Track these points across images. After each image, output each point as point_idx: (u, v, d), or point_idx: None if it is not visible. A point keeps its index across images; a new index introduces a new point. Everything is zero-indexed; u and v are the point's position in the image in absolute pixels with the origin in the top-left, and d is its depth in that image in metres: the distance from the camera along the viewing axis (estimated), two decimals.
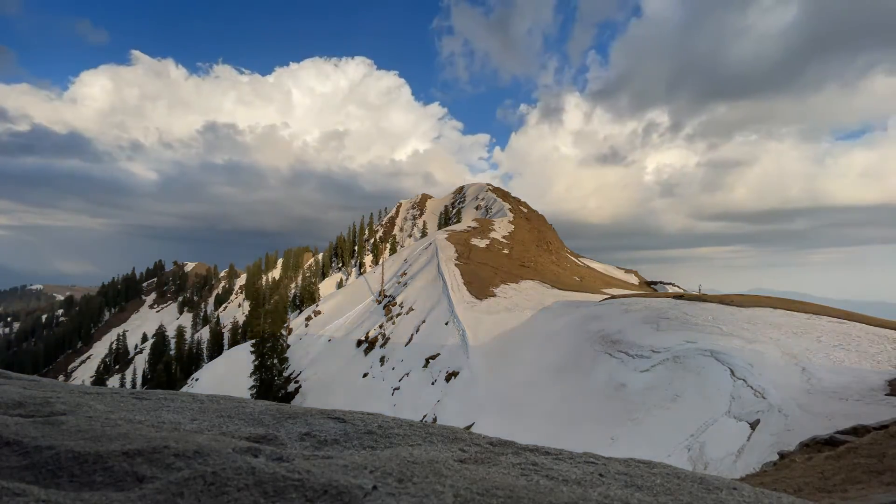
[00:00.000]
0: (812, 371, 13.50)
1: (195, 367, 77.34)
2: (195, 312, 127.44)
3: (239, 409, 2.60)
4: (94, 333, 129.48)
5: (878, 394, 11.35)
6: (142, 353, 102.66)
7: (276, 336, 43.69)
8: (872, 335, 15.96)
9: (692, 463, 11.45)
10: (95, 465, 1.52)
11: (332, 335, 48.84)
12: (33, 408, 2.12)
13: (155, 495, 1.36)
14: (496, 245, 55.43)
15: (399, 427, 2.49)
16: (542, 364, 23.57)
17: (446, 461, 1.93)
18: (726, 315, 20.23)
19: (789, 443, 8.81)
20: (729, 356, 15.36)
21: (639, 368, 17.95)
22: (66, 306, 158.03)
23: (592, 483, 1.88)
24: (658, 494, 1.82)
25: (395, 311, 44.04)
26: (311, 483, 1.48)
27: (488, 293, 39.17)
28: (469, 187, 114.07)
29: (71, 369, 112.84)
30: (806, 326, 17.56)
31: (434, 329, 35.34)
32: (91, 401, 2.45)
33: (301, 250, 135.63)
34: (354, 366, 39.26)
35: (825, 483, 4.57)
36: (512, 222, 68.83)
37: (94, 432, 1.80)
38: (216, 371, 52.48)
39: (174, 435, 1.87)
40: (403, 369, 32.67)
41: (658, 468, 2.13)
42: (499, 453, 2.23)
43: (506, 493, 1.59)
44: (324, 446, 2.12)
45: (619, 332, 22.31)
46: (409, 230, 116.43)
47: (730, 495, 1.87)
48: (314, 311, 60.24)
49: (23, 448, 1.58)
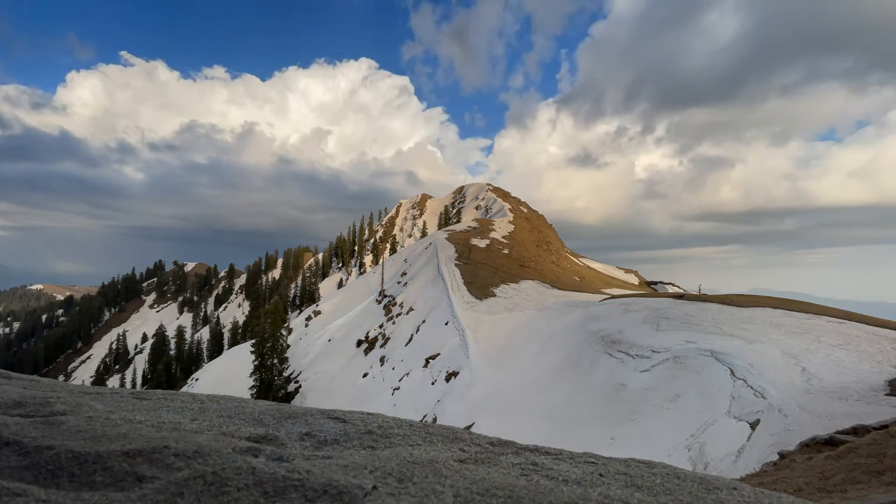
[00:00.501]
0: (812, 371, 13.50)
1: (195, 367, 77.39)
2: (195, 312, 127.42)
3: (239, 409, 2.60)
4: (94, 333, 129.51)
5: (878, 394, 11.35)
6: (142, 353, 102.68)
7: (276, 336, 43.71)
8: (872, 335, 15.97)
9: (692, 463, 11.45)
10: (95, 465, 1.52)
11: (332, 335, 48.85)
12: (33, 408, 2.12)
13: (155, 495, 1.36)
14: (496, 245, 55.45)
15: (399, 427, 2.49)
16: (543, 364, 23.57)
17: (446, 461, 1.93)
18: (726, 315, 20.24)
19: (789, 443, 8.81)
20: (729, 356, 15.36)
21: (639, 368, 17.95)
22: (66, 306, 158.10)
23: (592, 483, 1.89)
24: (658, 494, 1.82)
25: (395, 311, 44.05)
26: (311, 483, 1.48)
27: (488, 293, 39.17)
28: (469, 187, 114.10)
29: (71, 369, 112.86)
30: (806, 326, 17.56)
31: (434, 329, 35.34)
32: (91, 401, 2.45)
33: (301, 250, 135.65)
34: (354, 366, 39.27)
35: (825, 483, 4.57)
36: (512, 222, 68.83)
37: (94, 432, 1.80)
38: (216, 371, 52.50)
39: (174, 435, 1.87)
40: (403, 369, 32.67)
41: (658, 468, 2.13)
42: (499, 453, 2.23)
43: (506, 493, 1.59)
44: (324, 446, 2.12)
45: (620, 332, 22.31)
46: (409, 230, 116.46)
47: (730, 495, 1.87)
48: (314, 311, 60.26)
49: (23, 448, 1.58)
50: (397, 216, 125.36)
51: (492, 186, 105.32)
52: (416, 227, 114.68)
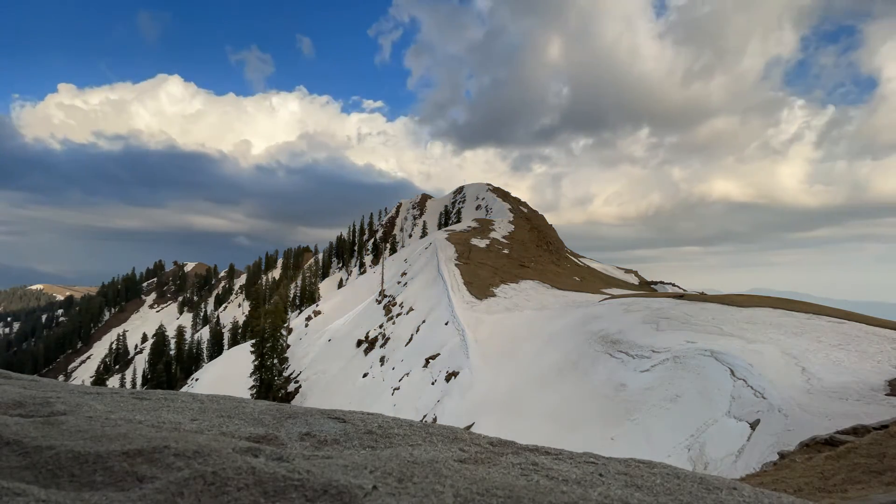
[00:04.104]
0: (812, 371, 13.50)
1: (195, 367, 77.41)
2: (195, 312, 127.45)
3: (239, 409, 2.60)
4: (94, 333, 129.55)
5: (878, 394, 11.36)
6: (142, 353, 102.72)
7: (276, 336, 43.72)
8: (872, 335, 15.96)
9: (692, 463, 11.46)
10: (95, 465, 1.52)
11: (332, 335, 48.85)
12: (33, 408, 2.12)
13: (155, 495, 1.36)
14: (496, 245, 55.45)
15: (399, 427, 2.49)
16: (543, 364, 23.57)
17: (446, 461, 1.93)
18: (726, 315, 20.24)
19: (789, 443, 8.81)
20: (729, 356, 15.36)
21: (639, 368, 17.95)
22: (66, 306, 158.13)
23: (592, 483, 1.89)
24: (658, 494, 1.82)
25: (395, 311, 44.05)
26: (311, 483, 1.48)
27: (488, 293, 39.18)
28: (469, 187, 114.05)
29: (71, 369, 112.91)
30: (806, 326, 17.56)
31: (434, 329, 35.34)
32: (91, 401, 2.45)
33: (301, 250, 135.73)
34: (354, 366, 39.27)
35: (825, 483, 4.57)
36: (512, 222, 68.82)
37: (94, 432, 1.80)
38: (216, 371, 52.54)
39: (174, 435, 1.87)
40: (403, 369, 32.67)
41: (658, 468, 2.14)
42: (499, 453, 2.23)
43: (506, 493, 1.59)
44: (324, 446, 2.12)
45: (620, 332, 22.31)
46: (409, 230, 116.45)
47: (730, 495, 1.87)
48: (314, 311, 60.30)
49: (23, 448, 1.58)
50: (397, 216, 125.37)
51: (492, 186, 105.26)
52: (417, 227, 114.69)
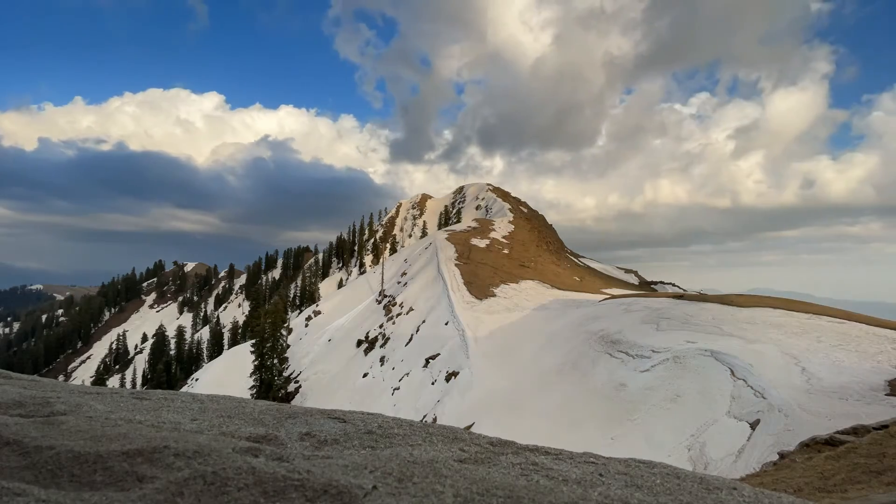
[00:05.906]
0: (812, 371, 13.50)
1: (195, 367, 77.38)
2: (195, 312, 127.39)
3: (239, 409, 2.60)
4: (94, 333, 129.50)
5: (878, 394, 11.36)
6: (142, 353, 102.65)
7: (276, 336, 43.70)
8: (872, 335, 15.97)
9: (692, 463, 11.46)
10: (95, 465, 1.52)
11: (333, 335, 48.85)
12: (33, 408, 2.12)
13: (155, 495, 1.36)
14: (496, 245, 55.45)
15: (399, 427, 2.49)
16: (543, 364, 23.57)
17: (446, 461, 1.93)
18: (726, 315, 20.24)
19: (789, 443, 8.81)
20: (729, 356, 15.36)
21: (639, 368, 17.95)
22: (66, 306, 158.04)
23: (592, 483, 1.89)
24: (658, 494, 1.82)
25: (395, 311, 44.05)
26: (311, 483, 1.48)
27: (488, 293, 39.18)
28: (469, 187, 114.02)
29: (71, 369, 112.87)
30: (806, 326, 17.56)
31: (434, 329, 35.34)
32: (91, 401, 2.45)
33: (301, 250, 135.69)
34: (354, 366, 39.27)
35: (825, 483, 4.57)
36: (512, 222, 68.83)
37: (94, 432, 1.80)
38: (216, 371, 52.52)
39: (174, 435, 1.87)
40: (403, 369, 32.68)
41: (658, 468, 2.13)
42: (499, 453, 2.23)
43: (506, 493, 1.59)
44: (324, 446, 2.11)
45: (620, 332, 22.31)
46: (410, 230, 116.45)
47: (730, 495, 1.87)
48: (314, 311, 60.28)
49: (23, 448, 1.58)
50: (397, 216, 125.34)
51: (492, 186, 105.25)
52: (417, 227, 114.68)
